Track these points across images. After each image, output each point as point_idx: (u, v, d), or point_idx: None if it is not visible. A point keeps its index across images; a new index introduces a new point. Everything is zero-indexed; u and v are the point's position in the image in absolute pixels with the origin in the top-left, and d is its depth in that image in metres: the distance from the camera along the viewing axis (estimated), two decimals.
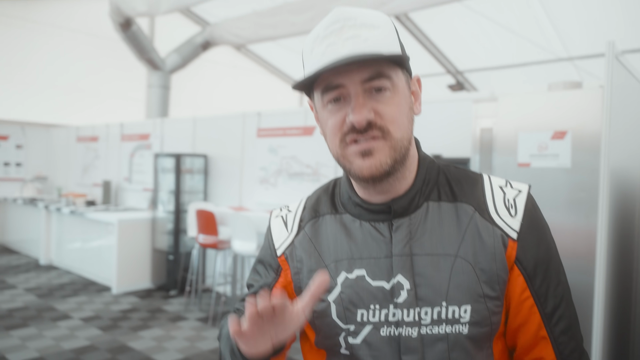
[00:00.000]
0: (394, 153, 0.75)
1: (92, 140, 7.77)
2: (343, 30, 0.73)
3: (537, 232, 0.80)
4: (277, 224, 0.92)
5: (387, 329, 0.78)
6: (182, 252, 5.55)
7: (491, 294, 0.77)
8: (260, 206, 5.18)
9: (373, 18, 0.75)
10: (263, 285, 0.91)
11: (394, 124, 0.75)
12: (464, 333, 0.76)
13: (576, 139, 2.47)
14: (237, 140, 5.51)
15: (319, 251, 0.85)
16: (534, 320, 0.78)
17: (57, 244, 6.78)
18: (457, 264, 0.77)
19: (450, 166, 0.87)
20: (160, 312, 4.80)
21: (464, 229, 0.79)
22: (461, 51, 8.40)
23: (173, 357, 3.70)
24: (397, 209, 0.80)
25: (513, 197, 0.81)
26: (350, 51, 0.71)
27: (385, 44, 0.74)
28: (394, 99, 0.75)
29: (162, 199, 5.79)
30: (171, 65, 8.18)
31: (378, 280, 0.79)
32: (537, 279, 0.78)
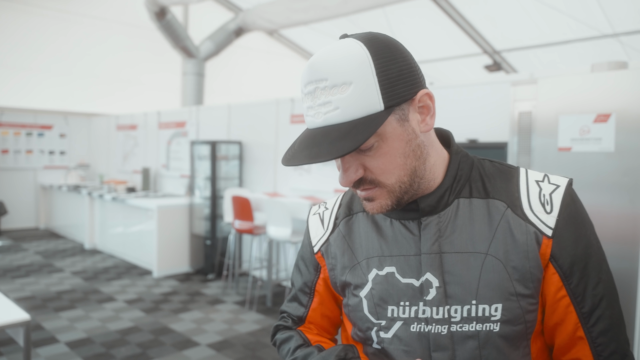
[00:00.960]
0: (394, 194, 0.76)
1: (131, 128, 7.99)
2: (316, 94, 0.71)
3: (576, 228, 0.77)
4: (314, 221, 0.95)
5: (417, 325, 0.78)
6: (218, 237, 5.68)
7: (524, 292, 0.75)
8: (295, 192, 5.23)
9: (345, 73, 0.69)
10: (306, 283, 0.95)
11: (384, 174, 0.75)
12: (496, 331, 0.75)
13: (620, 121, 2.38)
14: (271, 126, 5.55)
15: (352, 248, 0.86)
16: (570, 319, 0.77)
17: (100, 229, 7.05)
18: (488, 262, 0.76)
19: (485, 160, 0.85)
20: (199, 295, 4.95)
21: (495, 226, 0.77)
22: (498, 30, 8.14)
23: (212, 339, 3.82)
24: (424, 207, 0.80)
25: (549, 192, 0.78)
26: (324, 121, 0.71)
27: (359, 103, 0.69)
28: (381, 148, 0.73)
29: (198, 185, 5.92)
30: (205, 52, 8.27)
31: (408, 278, 0.79)
32: (574, 278, 0.76)
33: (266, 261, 5.08)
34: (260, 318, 4.31)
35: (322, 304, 0.94)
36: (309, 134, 0.73)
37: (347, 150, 0.68)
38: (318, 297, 0.94)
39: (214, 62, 8.94)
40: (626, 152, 2.36)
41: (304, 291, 0.95)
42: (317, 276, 0.93)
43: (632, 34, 7.10)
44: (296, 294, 0.97)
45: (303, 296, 0.95)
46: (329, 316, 0.95)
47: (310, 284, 0.94)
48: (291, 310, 0.97)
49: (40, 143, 8.62)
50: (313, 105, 0.72)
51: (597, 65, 2.62)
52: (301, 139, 0.74)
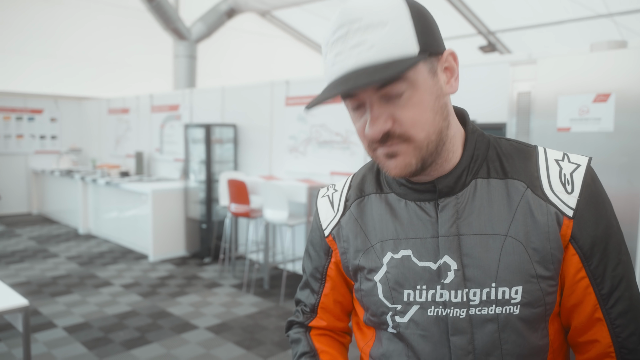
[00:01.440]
0: (421, 152, 0.73)
1: (123, 112, 7.89)
2: (348, 37, 0.68)
3: (596, 208, 0.75)
4: (323, 204, 0.92)
5: (434, 309, 0.76)
6: (214, 220, 5.66)
7: (545, 274, 0.74)
8: (290, 175, 5.21)
9: (380, 12, 0.68)
10: (317, 268, 0.93)
11: (415, 126, 0.71)
12: (515, 314, 0.74)
13: (620, 101, 2.37)
14: (265, 109, 5.51)
15: (364, 231, 0.84)
16: (589, 301, 0.75)
17: (94, 214, 7.01)
18: (508, 243, 0.74)
19: (502, 139, 0.82)
20: (196, 279, 4.95)
21: (514, 207, 0.75)
22: (493, 10, 8.08)
23: (211, 322, 3.83)
24: (442, 188, 0.77)
25: (570, 171, 0.76)
26: (356, 62, 0.68)
27: (396, 44, 0.67)
28: (413, 98, 0.70)
29: (193, 169, 5.88)
30: (197, 34, 8.15)
31: (424, 261, 0.77)
32: (594, 259, 0.74)
33: (263, 244, 5.08)
34: (258, 301, 4.33)
35: (334, 289, 0.92)
36: (340, 78, 0.69)
37: (390, 75, 0.65)
38: (330, 282, 0.92)
39: (206, 44, 8.81)
40: (625, 132, 2.36)
41: (315, 277, 0.93)
42: (329, 260, 0.90)
43: (627, 13, 7.07)
44: (307, 281, 0.95)
45: (314, 282, 0.93)
46: (341, 302, 0.93)
47: (321, 269, 0.92)
48: (304, 298, 0.96)
49: (30, 127, 8.50)
50: (343, 49, 0.69)
51: (596, 45, 2.61)
52: (329, 85, 0.71)
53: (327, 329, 0.95)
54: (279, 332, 3.66)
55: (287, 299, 4.37)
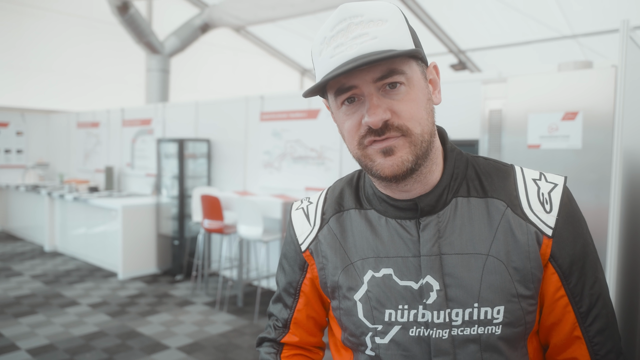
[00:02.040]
0: (416, 149, 0.73)
1: (92, 126, 7.72)
2: (350, 29, 0.70)
3: (574, 227, 0.76)
4: (298, 216, 0.90)
5: (416, 329, 0.76)
6: (187, 237, 5.56)
7: (525, 293, 0.74)
8: (265, 190, 5.17)
9: (380, 11, 0.71)
10: (291, 283, 0.90)
11: (412, 120, 0.72)
12: (497, 334, 0.73)
13: (587, 119, 2.45)
14: (240, 124, 5.47)
15: (344, 248, 0.82)
16: (568, 319, 0.76)
17: (61, 231, 6.79)
18: (489, 263, 0.74)
19: (479, 158, 0.83)
20: (168, 297, 4.83)
21: (495, 226, 0.75)
22: (463, 29, 8.30)
23: (183, 341, 3.73)
24: (424, 206, 0.77)
25: (548, 191, 0.77)
26: (359, 51, 0.69)
27: (395, 38, 0.70)
28: (410, 93, 0.72)
29: (165, 184, 5.77)
30: (170, 48, 8.08)
31: (406, 280, 0.76)
32: (572, 278, 0.75)
33: (236, 261, 5.01)
34: (232, 319, 4.24)
35: (308, 305, 0.90)
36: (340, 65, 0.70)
37: (399, 53, 0.67)
38: (304, 297, 0.89)
39: (180, 58, 8.75)
40: (592, 149, 2.43)
41: (289, 292, 0.90)
42: (304, 276, 0.88)
43: (590, 35, 7.36)
44: (280, 295, 0.93)
45: (288, 297, 0.91)
46: (314, 317, 0.91)
47: (295, 284, 0.89)
48: (276, 312, 0.93)
49: None
50: (345, 40, 0.70)
51: (563, 65, 2.70)
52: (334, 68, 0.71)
53: (299, 345, 0.92)
54: (253, 350, 3.58)
55: (261, 316, 4.30)
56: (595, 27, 7.12)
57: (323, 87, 0.74)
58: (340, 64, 0.70)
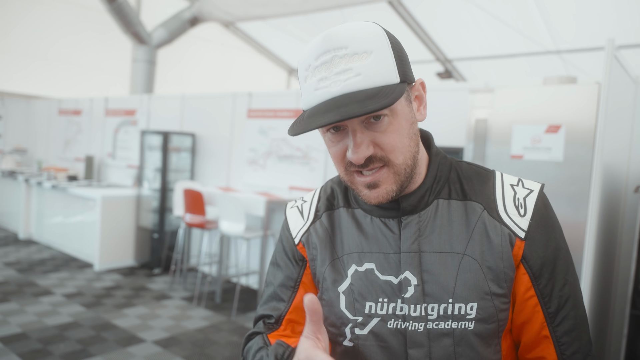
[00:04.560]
0: (399, 177, 0.76)
1: (74, 113, 7.60)
2: (334, 63, 0.70)
3: (546, 231, 0.80)
4: (293, 213, 0.93)
5: (394, 322, 0.79)
6: (167, 230, 5.51)
7: (498, 292, 0.77)
8: (248, 187, 5.16)
9: (365, 41, 0.70)
10: (289, 276, 0.89)
11: (394, 151, 0.74)
12: (470, 329, 0.77)
13: (570, 133, 2.52)
14: (226, 120, 5.45)
15: (333, 243, 0.86)
16: (537, 319, 0.79)
17: (36, 219, 6.66)
18: (465, 262, 0.78)
19: (462, 162, 0.87)
20: (145, 290, 4.78)
21: (472, 227, 0.79)
22: (451, 39, 8.42)
23: (159, 335, 3.70)
24: (406, 206, 0.81)
25: (524, 196, 0.81)
26: (343, 89, 0.69)
27: (380, 72, 0.70)
28: (392, 124, 0.74)
29: (147, 176, 5.72)
30: (157, 40, 7.99)
31: (387, 275, 0.80)
32: (542, 279, 0.78)
33: (216, 257, 4.99)
34: (209, 314, 4.23)
35: None
36: (327, 101, 0.71)
37: (382, 105, 0.66)
38: (303, 289, 0.88)
39: (167, 50, 8.65)
40: (573, 162, 2.50)
41: (287, 286, 0.89)
42: (304, 267, 0.88)
43: (573, 52, 7.55)
44: (274, 292, 0.90)
45: (285, 292, 0.88)
46: None
47: (295, 277, 0.89)
48: (268, 311, 0.89)
49: None
50: (329, 75, 0.70)
51: (548, 79, 2.77)
52: (316, 108, 0.71)
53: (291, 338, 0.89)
54: (230, 347, 3.58)
55: (239, 313, 4.30)
56: (578, 44, 7.30)
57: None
58: (325, 100, 0.71)
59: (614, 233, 2.85)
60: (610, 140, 2.46)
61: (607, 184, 2.53)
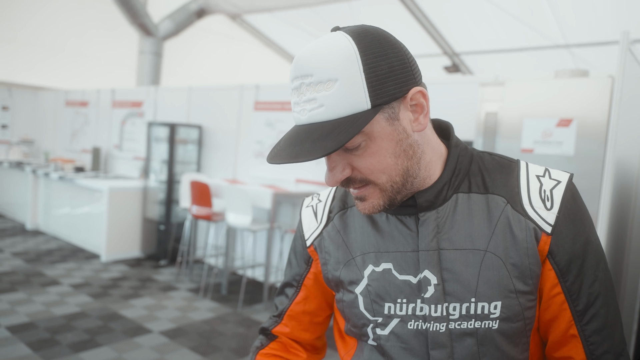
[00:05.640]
0: (386, 193, 0.74)
1: (81, 105, 7.61)
2: (301, 90, 0.69)
3: (575, 225, 0.75)
4: (307, 214, 0.92)
5: (414, 322, 0.77)
6: (173, 222, 5.52)
7: (524, 289, 0.74)
8: (255, 180, 5.16)
9: (330, 70, 0.66)
10: (295, 276, 0.93)
11: (374, 173, 0.72)
12: (494, 328, 0.74)
13: (581, 127, 2.49)
14: (233, 112, 5.44)
15: (346, 243, 0.84)
16: (564, 317, 0.76)
17: (44, 209, 6.69)
18: (487, 259, 0.74)
19: (485, 153, 0.83)
20: (151, 282, 4.80)
21: (494, 222, 0.75)
22: (458, 32, 8.35)
23: (165, 326, 3.72)
24: (422, 202, 0.77)
25: (550, 188, 0.76)
26: (309, 119, 0.68)
27: (345, 102, 0.66)
28: (370, 148, 0.71)
29: (154, 168, 5.72)
30: (164, 31, 7.99)
31: (405, 275, 0.77)
32: (570, 275, 0.75)
33: (222, 249, 5.00)
34: (215, 306, 4.24)
35: (307, 300, 0.92)
36: (295, 131, 0.71)
37: (327, 150, 0.64)
38: (304, 291, 0.92)
39: (173, 42, 8.64)
40: (585, 157, 2.48)
41: (292, 284, 0.94)
42: (308, 270, 0.91)
43: (583, 46, 7.47)
44: (284, 286, 0.95)
45: (290, 289, 0.94)
46: (310, 313, 0.93)
47: (298, 278, 0.92)
48: (278, 303, 0.96)
49: None
50: (299, 101, 0.70)
51: (560, 72, 2.74)
52: (287, 136, 0.71)
53: (290, 337, 0.95)
54: (237, 338, 3.59)
55: (245, 305, 4.31)
56: (588, 38, 7.23)
57: None
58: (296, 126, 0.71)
59: (625, 228, 2.82)
60: (623, 134, 2.44)
61: (619, 179, 2.51)
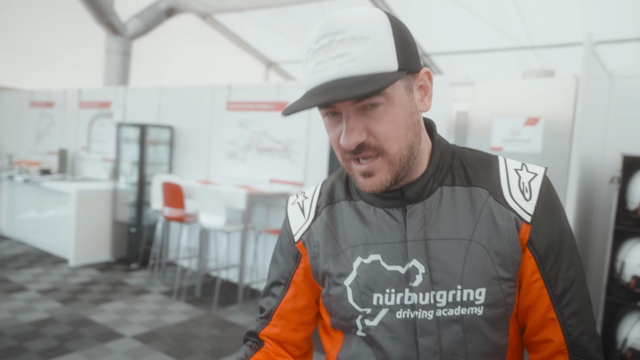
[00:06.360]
0: (394, 167, 0.76)
1: (47, 105, 7.39)
2: (331, 47, 0.70)
3: (551, 215, 0.81)
4: (294, 210, 0.93)
5: (402, 312, 0.79)
6: (144, 224, 5.42)
7: (506, 276, 0.78)
8: (228, 181, 5.12)
9: (364, 27, 0.70)
10: (283, 273, 0.92)
11: (389, 141, 0.74)
12: (479, 314, 0.78)
13: (548, 125, 2.57)
14: (205, 112, 5.39)
15: (335, 237, 0.86)
16: (543, 301, 0.80)
17: (8, 213, 6.47)
18: (472, 248, 0.78)
19: (465, 149, 0.87)
20: (122, 285, 4.71)
21: (478, 213, 0.80)
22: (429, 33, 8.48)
23: (138, 330, 3.65)
24: (410, 194, 0.80)
25: (528, 180, 0.81)
26: (338, 74, 0.70)
27: (376, 59, 0.70)
28: (388, 113, 0.73)
29: (124, 170, 5.61)
30: (132, 30, 7.83)
31: (393, 265, 0.80)
32: (548, 262, 0.79)
33: (196, 250, 4.95)
34: (189, 309, 4.19)
35: (296, 297, 0.92)
36: (322, 84, 0.71)
37: (370, 91, 0.66)
38: (294, 288, 0.91)
39: (142, 41, 8.47)
40: (551, 154, 2.56)
41: (279, 282, 0.93)
42: (296, 266, 0.91)
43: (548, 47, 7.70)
44: (270, 287, 0.94)
45: (277, 288, 0.93)
46: (300, 311, 0.92)
47: (287, 275, 0.92)
48: (264, 304, 0.95)
49: None
50: (325, 59, 0.71)
51: (527, 73, 2.82)
52: (312, 91, 0.72)
53: (279, 340, 0.94)
54: (211, 340, 3.56)
55: (219, 307, 4.27)
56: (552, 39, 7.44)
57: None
58: (320, 84, 0.71)
59: (589, 222, 2.93)
60: (587, 132, 2.53)
61: (584, 175, 2.60)
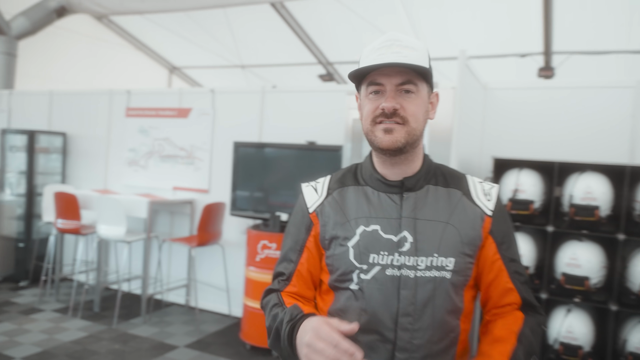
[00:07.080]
0: (408, 136, 1.05)
1: None
2: (392, 47, 1.03)
3: (503, 213, 1.16)
4: (309, 191, 1.20)
5: (391, 270, 1.06)
6: (35, 239, 5.05)
7: (468, 253, 1.09)
8: (129, 189, 4.93)
9: (415, 43, 1.05)
10: (297, 241, 1.16)
11: (413, 116, 1.05)
12: (448, 278, 1.06)
13: (432, 131, 2.84)
14: (103, 119, 5.15)
15: (343, 210, 1.12)
16: (502, 276, 1.11)
17: None
18: (448, 229, 1.08)
19: (442, 165, 1.20)
20: (9, 305, 4.34)
21: (453, 205, 1.11)
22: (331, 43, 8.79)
23: (29, 350, 3.41)
24: (408, 185, 1.10)
25: (488, 189, 1.17)
26: (393, 60, 1.01)
27: (418, 61, 1.02)
28: (416, 100, 1.05)
29: (9, 180, 5.18)
30: (18, 30, 7.24)
31: (389, 234, 1.07)
32: (504, 246, 1.12)
33: (93, 263, 4.70)
34: (87, 324, 3.98)
35: (309, 260, 1.15)
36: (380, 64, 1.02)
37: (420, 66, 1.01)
38: (307, 252, 1.15)
39: (30, 42, 7.85)
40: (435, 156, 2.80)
41: (295, 249, 1.16)
42: (308, 234, 1.15)
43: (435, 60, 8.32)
44: (286, 254, 1.18)
45: (293, 254, 1.16)
46: (312, 272, 1.16)
47: (301, 242, 1.15)
48: (282, 269, 1.17)
49: None
50: (386, 52, 1.03)
51: None
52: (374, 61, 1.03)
53: (298, 295, 1.16)
54: (112, 355, 3.42)
55: (121, 320, 4.10)
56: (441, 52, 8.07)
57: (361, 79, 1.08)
58: (379, 63, 1.02)
59: None
60: (465, 137, 2.82)
61: None
